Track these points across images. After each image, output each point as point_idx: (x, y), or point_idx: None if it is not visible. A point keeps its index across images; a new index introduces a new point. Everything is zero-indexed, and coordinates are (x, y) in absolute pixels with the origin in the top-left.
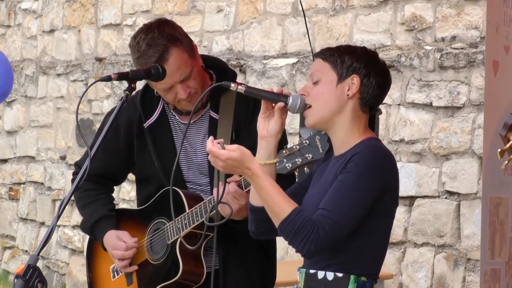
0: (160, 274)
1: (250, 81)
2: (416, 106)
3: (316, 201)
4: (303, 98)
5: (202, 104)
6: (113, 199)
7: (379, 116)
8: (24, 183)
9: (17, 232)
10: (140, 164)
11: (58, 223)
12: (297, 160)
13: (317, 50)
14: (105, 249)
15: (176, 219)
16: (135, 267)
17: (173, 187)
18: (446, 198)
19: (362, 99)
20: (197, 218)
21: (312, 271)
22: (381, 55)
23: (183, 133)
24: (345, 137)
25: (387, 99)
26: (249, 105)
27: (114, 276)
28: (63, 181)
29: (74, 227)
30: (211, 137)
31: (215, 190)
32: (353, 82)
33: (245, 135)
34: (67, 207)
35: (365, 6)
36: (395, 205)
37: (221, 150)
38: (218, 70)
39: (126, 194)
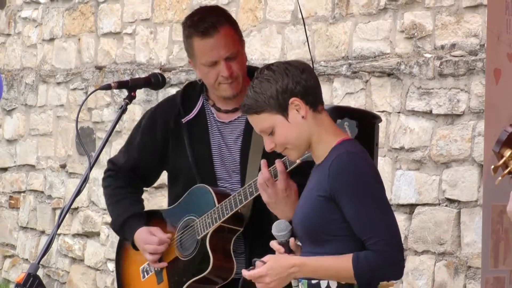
0: (190, 270)
1: None
2: (416, 114)
3: (302, 212)
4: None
5: (240, 105)
6: (142, 200)
7: (379, 124)
8: (24, 192)
9: (17, 241)
10: (174, 160)
11: (59, 231)
12: (306, 153)
13: (317, 58)
14: (134, 247)
15: (206, 214)
16: (165, 264)
17: (201, 184)
18: (446, 205)
19: (312, 106)
20: (227, 212)
21: (314, 281)
22: (381, 63)
23: (219, 131)
24: (322, 146)
25: (387, 107)
26: None
27: (144, 277)
28: (63, 189)
29: (74, 235)
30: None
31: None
32: (296, 104)
33: None
34: (67, 216)
35: (364, 14)
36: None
37: (257, 269)
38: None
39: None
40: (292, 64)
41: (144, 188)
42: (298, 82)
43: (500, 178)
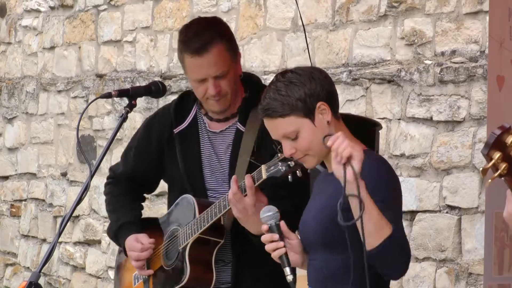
0: (171, 279)
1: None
2: (416, 121)
3: (317, 221)
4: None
5: (231, 114)
6: (142, 207)
7: (379, 131)
8: (25, 200)
9: (18, 249)
10: (169, 169)
11: (60, 239)
12: (289, 163)
13: (317, 65)
14: (126, 254)
15: (187, 225)
16: (150, 271)
17: (187, 194)
18: (447, 212)
19: (334, 112)
20: (204, 224)
21: None
22: (381, 70)
23: (210, 141)
24: None
25: (387, 114)
26: None
27: (135, 283)
28: (65, 197)
29: (75, 243)
30: None
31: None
32: (322, 108)
33: (265, 150)
34: (68, 224)
35: (364, 21)
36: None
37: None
38: (251, 86)
39: None
40: (316, 69)
41: (146, 195)
42: (323, 86)
43: (490, 180)
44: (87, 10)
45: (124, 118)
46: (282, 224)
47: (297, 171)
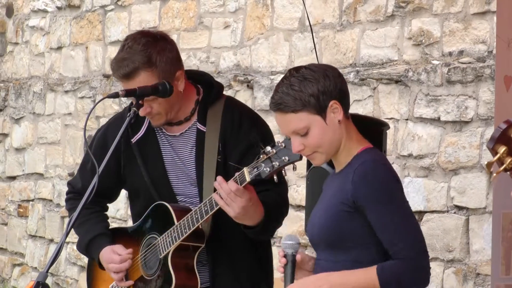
0: None
1: (257, 97)
2: (424, 121)
3: (321, 220)
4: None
5: (185, 118)
6: (107, 217)
7: (387, 131)
8: (32, 200)
9: (26, 249)
10: (130, 179)
11: (67, 240)
12: (274, 163)
13: None
14: (101, 267)
15: (166, 233)
16: (131, 282)
17: (161, 202)
18: (454, 213)
19: (345, 111)
20: (185, 230)
21: None
22: (389, 70)
23: (171, 146)
24: (345, 152)
25: (395, 114)
26: (235, 116)
27: None
28: None
29: None
30: None
31: (214, 194)
32: (335, 107)
33: (232, 146)
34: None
35: (372, 21)
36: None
37: None
38: (205, 84)
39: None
40: (330, 67)
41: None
42: (336, 84)
43: (495, 174)
44: (94, 10)
45: (131, 118)
46: (298, 258)
47: (283, 171)
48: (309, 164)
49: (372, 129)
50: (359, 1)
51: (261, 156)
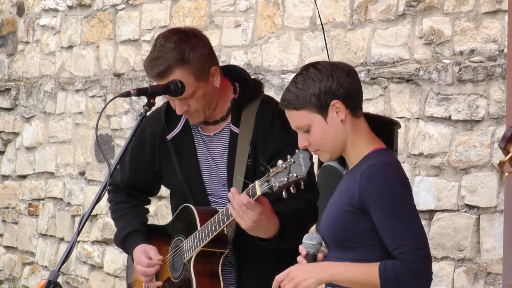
0: None
1: None
2: (435, 120)
3: (329, 219)
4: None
5: (221, 117)
6: (147, 211)
7: (398, 130)
8: (43, 199)
9: (36, 248)
10: (166, 176)
11: (78, 238)
12: (283, 179)
13: None
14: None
15: (190, 237)
16: (159, 283)
17: (188, 204)
18: (465, 211)
19: (351, 110)
20: (205, 238)
21: None
22: (400, 69)
23: (205, 145)
24: (355, 152)
25: (405, 113)
26: (267, 118)
27: None
28: (82, 196)
29: (93, 242)
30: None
31: (229, 204)
32: (337, 107)
33: (263, 149)
34: (86, 223)
35: (383, 20)
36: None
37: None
38: (242, 82)
39: None
40: (339, 66)
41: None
42: (342, 84)
43: (507, 174)
44: (105, 9)
45: (143, 117)
46: (320, 257)
47: (291, 187)
48: (320, 163)
49: (383, 128)
50: (370, 0)
51: (272, 170)
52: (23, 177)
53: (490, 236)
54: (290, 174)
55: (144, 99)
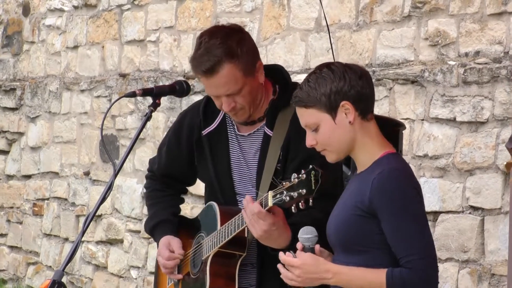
0: None
1: None
2: (439, 121)
3: (336, 221)
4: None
5: (258, 118)
6: (180, 201)
7: (403, 132)
8: (48, 199)
9: (41, 248)
10: (200, 170)
11: (82, 239)
12: (292, 194)
13: None
14: None
15: (210, 235)
16: (180, 276)
17: (212, 202)
18: (470, 213)
19: (361, 113)
20: (222, 239)
21: None
22: (405, 70)
23: (239, 144)
24: (365, 155)
25: (410, 114)
26: (300, 125)
27: (168, 283)
28: (87, 196)
29: (98, 242)
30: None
31: (243, 211)
32: (346, 108)
33: (292, 158)
34: (91, 223)
35: (388, 22)
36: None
37: (294, 258)
38: (282, 83)
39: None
40: (352, 68)
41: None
42: (353, 86)
43: None
44: (110, 9)
45: (148, 117)
46: (317, 248)
47: (300, 203)
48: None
49: (388, 129)
50: (375, 1)
51: (284, 183)
52: (28, 177)
53: (495, 238)
54: (300, 190)
55: (149, 100)
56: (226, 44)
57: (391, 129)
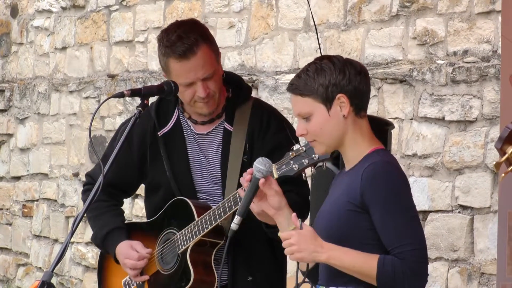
0: (171, 284)
1: (262, 97)
2: (428, 121)
3: (327, 218)
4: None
5: (216, 114)
6: (123, 211)
7: (392, 131)
8: (37, 200)
9: (30, 249)
10: (152, 173)
11: (72, 239)
12: (303, 161)
13: None
14: (116, 261)
15: (186, 228)
16: (146, 277)
17: (181, 197)
18: (459, 212)
19: (355, 109)
20: (207, 226)
21: None
22: (393, 70)
23: (197, 144)
24: (354, 151)
25: (399, 114)
26: (264, 117)
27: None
28: (76, 198)
29: (87, 243)
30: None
31: (240, 190)
32: (342, 101)
33: (259, 148)
34: (80, 224)
35: (376, 21)
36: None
37: (288, 232)
38: (234, 85)
39: (139, 211)
40: (353, 63)
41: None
42: (351, 81)
43: (503, 175)
44: (98, 10)
45: (136, 118)
46: (261, 182)
47: (311, 168)
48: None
49: (377, 129)
50: (363, 1)
51: (290, 153)
52: (17, 178)
53: (484, 237)
54: (312, 156)
55: (137, 100)
56: (196, 29)
57: (380, 128)
